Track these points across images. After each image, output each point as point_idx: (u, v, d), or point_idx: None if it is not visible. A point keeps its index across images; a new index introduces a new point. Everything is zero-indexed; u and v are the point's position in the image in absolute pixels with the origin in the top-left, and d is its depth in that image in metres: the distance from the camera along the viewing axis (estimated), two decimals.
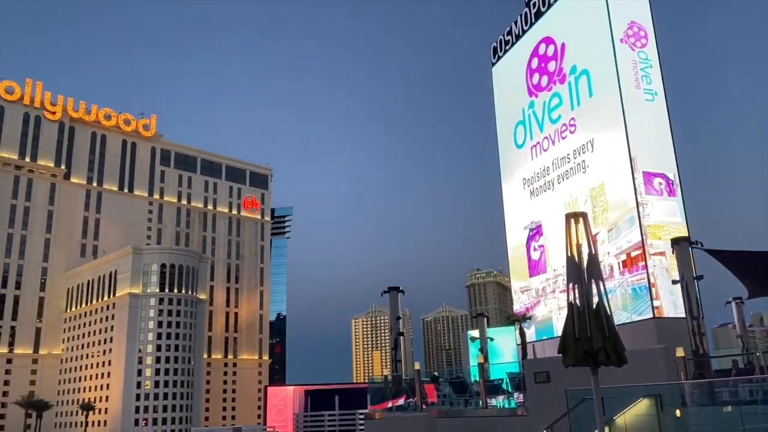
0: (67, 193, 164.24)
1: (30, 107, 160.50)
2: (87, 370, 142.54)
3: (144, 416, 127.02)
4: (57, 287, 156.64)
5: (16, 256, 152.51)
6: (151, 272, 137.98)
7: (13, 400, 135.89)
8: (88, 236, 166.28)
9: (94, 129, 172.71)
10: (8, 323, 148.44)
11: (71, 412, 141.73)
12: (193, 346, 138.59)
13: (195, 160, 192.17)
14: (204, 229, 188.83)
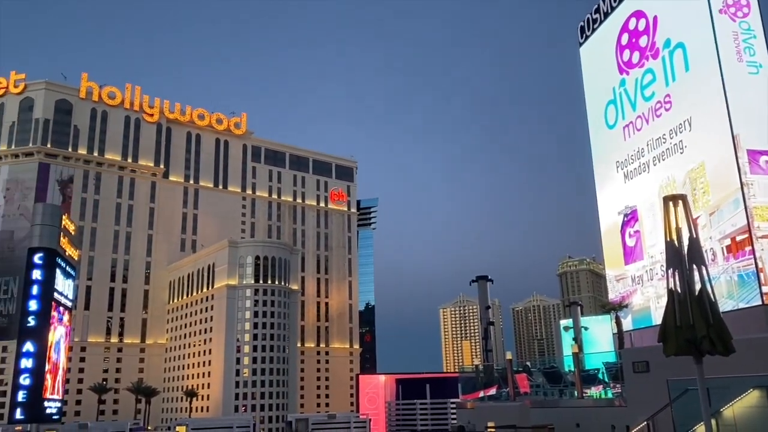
0: (167, 190, 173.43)
1: (130, 111, 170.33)
2: (190, 358, 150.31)
3: (243, 402, 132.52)
4: (160, 280, 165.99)
5: (122, 252, 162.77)
6: (246, 264, 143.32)
7: (124, 386, 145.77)
8: (186, 231, 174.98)
9: (189, 129, 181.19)
10: (118, 315, 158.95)
11: (176, 398, 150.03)
12: (287, 335, 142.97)
13: (284, 156, 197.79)
14: (294, 221, 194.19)
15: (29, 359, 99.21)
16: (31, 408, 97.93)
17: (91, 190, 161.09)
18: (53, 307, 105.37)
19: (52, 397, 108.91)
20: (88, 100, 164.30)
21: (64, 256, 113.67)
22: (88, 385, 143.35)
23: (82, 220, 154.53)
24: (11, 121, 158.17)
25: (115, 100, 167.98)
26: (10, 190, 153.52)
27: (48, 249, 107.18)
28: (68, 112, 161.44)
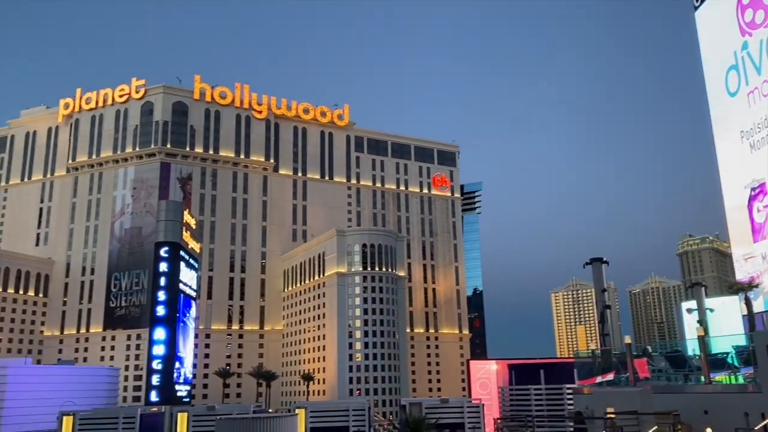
0: (277, 183, 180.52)
1: (240, 109, 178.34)
2: (305, 343, 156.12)
3: (357, 386, 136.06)
4: (274, 269, 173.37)
5: (239, 243, 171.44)
6: (354, 252, 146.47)
7: (246, 370, 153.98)
8: (297, 222, 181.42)
9: (296, 123, 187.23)
10: (238, 303, 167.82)
11: (294, 382, 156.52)
12: (396, 320, 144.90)
13: (386, 144, 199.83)
14: (398, 209, 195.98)
15: (160, 346, 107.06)
16: (164, 391, 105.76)
17: (208, 186, 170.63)
18: (180, 297, 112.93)
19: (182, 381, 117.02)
20: (202, 101, 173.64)
21: (187, 249, 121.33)
22: (213, 369, 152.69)
23: (202, 215, 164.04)
24: (134, 125, 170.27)
25: (226, 99, 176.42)
26: (136, 189, 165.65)
27: (172, 243, 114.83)
28: (184, 114, 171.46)
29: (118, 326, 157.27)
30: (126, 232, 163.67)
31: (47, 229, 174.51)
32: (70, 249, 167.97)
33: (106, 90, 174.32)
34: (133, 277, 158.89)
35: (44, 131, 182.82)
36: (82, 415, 40.44)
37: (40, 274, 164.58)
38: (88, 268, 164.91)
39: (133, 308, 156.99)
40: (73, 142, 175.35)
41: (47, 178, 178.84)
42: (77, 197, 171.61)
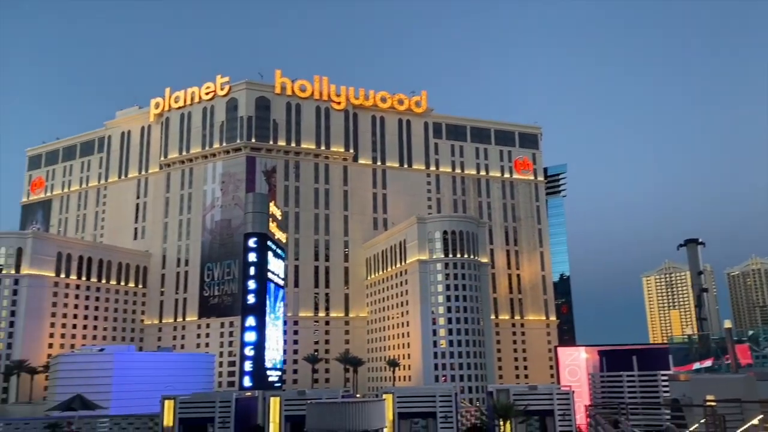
0: (357, 173, 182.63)
1: (320, 101, 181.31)
2: (389, 330, 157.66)
3: (443, 373, 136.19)
4: (357, 257, 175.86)
5: (323, 233, 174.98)
6: (435, 239, 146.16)
7: (333, 356, 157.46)
8: (378, 210, 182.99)
9: (373, 113, 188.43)
10: (323, 291, 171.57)
11: (380, 368, 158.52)
12: (480, 307, 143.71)
13: (464, 129, 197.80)
14: (479, 194, 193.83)
15: (252, 333, 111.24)
16: (256, 376, 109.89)
17: (291, 177, 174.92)
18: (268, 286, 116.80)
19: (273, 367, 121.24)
20: (283, 95, 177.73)
21: (274, 240, 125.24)
22: (302, 356, 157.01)
23: (287, 206, 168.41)
24: (221, 121, 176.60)
25: (306, 92, 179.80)
26: (225, 183, 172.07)
27: (260, 234, 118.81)
28: (267, 108, 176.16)
29: (212, 314, 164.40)
30: (216, 225, 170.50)
31: (144, 223, 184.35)
32: (166, 242, 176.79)
33: (193, 88, 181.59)
34: (224, 267, 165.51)
35: (138, 130, 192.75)
36: (182, 399, 42.66)
37: (139, 266, 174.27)
38: (183, 259, 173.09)
39: (225, 297, 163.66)
40: (165, 140, 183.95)
41: (142, 175, 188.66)
42: (170, 192, 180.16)
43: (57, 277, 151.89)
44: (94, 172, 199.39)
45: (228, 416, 40.66)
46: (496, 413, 50.72)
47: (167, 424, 41.20)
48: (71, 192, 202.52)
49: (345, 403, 26.74)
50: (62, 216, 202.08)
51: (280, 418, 39.68)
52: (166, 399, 41.19)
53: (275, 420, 40.24)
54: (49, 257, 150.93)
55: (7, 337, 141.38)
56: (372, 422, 30.08)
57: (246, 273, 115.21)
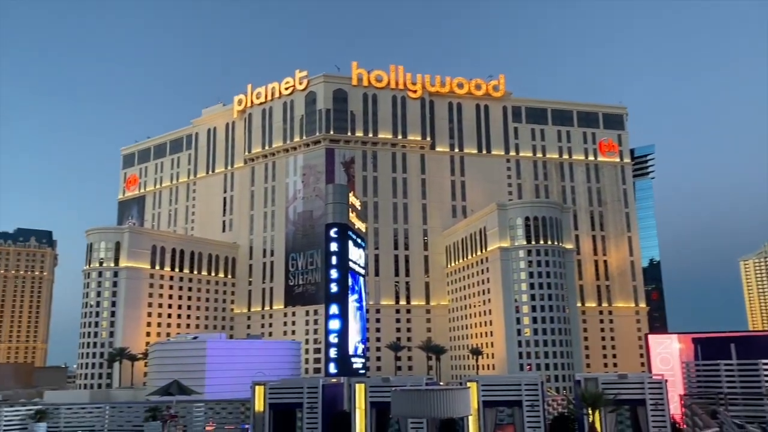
0: (434, 161, 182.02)
1: (396, 90, 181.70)
2: (471, 318, 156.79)
3: (527, 361, 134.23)
4: (437, 246, 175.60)
5: (401, 222, 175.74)
6: (517, 226, 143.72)
7: (415, 344, 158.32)
8: (456, 198, 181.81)
9: (450, 99, 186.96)
10: (403, 279, 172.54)
11: (463, 356, 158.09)
12: (565, 294, 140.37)
13: (545, 112, 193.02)
14: (562, 179, 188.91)
15: (335, 320, 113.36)
16: (341, 363, 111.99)
17: (369, 167, 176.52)
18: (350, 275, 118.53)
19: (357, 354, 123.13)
20: (359, 86, 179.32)
21: (354, 229, 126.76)
22: (384, 343, 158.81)
23: (365, 196, 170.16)
24: (300, 115, 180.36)
25: (382, 82, 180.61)
26: (306, 175, 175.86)
27: (340, 224, 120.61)
28: (344, 100, 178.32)
29: (297, 303, 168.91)
30: (299, 216, 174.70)
31: (231, 216, 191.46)
32: (252, 233, 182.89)
33: (273, 84, 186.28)
34: (307, 257, 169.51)
35: (222, 127, 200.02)
36: (272, 385, 44.07)
37: (228, 258, 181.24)
38: (268, 250, 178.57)
39: (309, 286, 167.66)
40: (248, 135, 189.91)
41: (228, 170, 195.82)
42: (255, 186, 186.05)
43: (152, 269, 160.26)
44: (184, 169, 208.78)
45: (315, 402, 41.68)
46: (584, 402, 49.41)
47: (258, 409, 42.71)
48: (163, 188, 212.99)
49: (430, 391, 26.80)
50: (155, 211, 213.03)
51: (365, 404, 40.38)
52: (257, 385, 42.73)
53: (361, 406, 40.91)
54: (144, 250, 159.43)
55: (109, 326, 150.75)
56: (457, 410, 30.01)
57: (328, 262, 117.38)
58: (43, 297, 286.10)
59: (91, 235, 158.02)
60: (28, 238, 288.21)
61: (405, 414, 30.61)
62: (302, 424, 42.78)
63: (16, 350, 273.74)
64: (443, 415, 29.20)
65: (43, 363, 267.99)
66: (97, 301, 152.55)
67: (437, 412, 27.97)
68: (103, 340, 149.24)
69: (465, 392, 29.21)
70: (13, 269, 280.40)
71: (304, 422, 42.47)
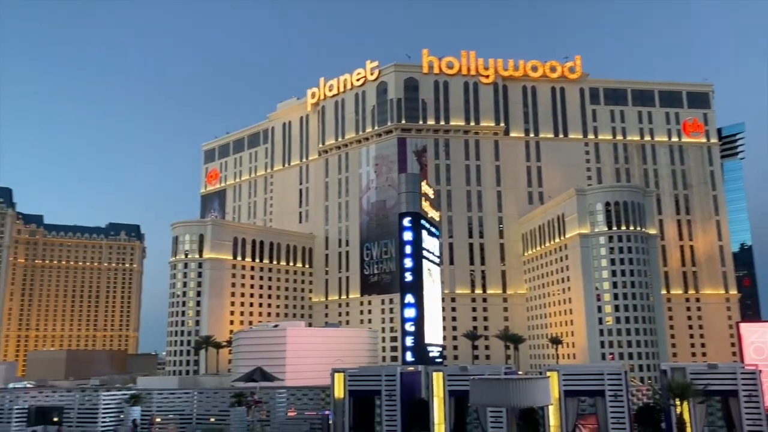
0: (509, 147, 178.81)
1: (467, 76, 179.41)
2: (550, 307, 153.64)
3: (609, 350, 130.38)
4: (513, 233, 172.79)
5: (475, 210, 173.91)
6: (596, 212, 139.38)
7: (492, 333, 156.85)
8: (532, 184, 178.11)
9: (524, 83, 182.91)
10: (479, 268, 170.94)
11: (541, 345, 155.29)
12: (649, 281, 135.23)
13: (625, 92, 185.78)
14: (644, 162, 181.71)
15: (411, 309, 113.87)
16: (417, 351, 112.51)
17: (442, 156, 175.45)
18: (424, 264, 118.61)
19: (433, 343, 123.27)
20: (430, 74, 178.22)
21: (428, 218, 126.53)
22: (460, 332, 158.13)
23: (438, 184, 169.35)
24: (372, 105, 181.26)
25: (453, 69, 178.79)
26: (378, 165, 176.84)
27: (414, 213, 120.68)
28: (415, 89, 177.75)
29: (373, 292, 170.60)
30: (372, 206, 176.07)
31: (307, 207, 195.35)
32: (327, 224, 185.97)
33: (345, 76, 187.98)
34: (381, 246, 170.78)
35: (297, 120, 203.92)
36: (351, 372, 44.83)
37: (305, 248, 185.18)
38: (343, 240, 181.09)
39: (384, 275, 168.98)
40: (321, 128, 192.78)
41: (303, 162, 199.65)
42: (329, 177, 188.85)
43: (234, 259, 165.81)
44: (261, 162, 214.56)
45: (394, 389, 42.03)
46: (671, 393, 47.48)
47: (338, 395, 43.55)
48: (242, 181, 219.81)
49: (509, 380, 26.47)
50: (235, 204, 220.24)
51: (443, 392, 40.35)
52: (336, 372, 43.52)
53: (439, 394, 40.93)
54: (226, 242, 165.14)
55: (195, 315, 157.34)
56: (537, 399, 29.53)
57: (402, 252, 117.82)
58: (133, 288, 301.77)
59: (177, 228, 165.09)
60: (119, 233, 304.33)
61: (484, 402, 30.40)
62: (381, 411, 43.27)
63: (111, 338, 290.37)
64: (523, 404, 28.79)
65: (135, 350, 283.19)
66: (183, 291, 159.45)
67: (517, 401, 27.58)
68: (189, 329, 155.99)
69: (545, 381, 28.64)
70: (106, 262, 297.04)
71: (383, 409, 42.94)
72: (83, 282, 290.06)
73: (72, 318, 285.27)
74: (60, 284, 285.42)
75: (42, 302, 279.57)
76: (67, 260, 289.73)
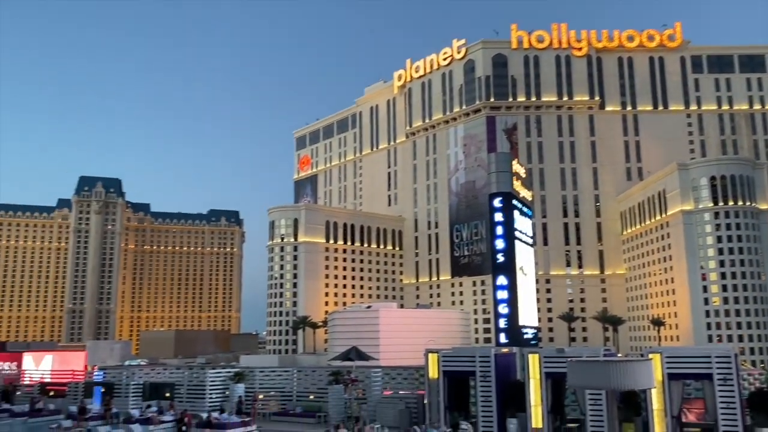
0: (605, 121, 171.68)
1: (559, 50, 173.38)
2: (651, 287, 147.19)
3: (717, 333, 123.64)
4: (610, 212, 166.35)
5: (570, 188, 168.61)
6: (700, 187, 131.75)
7: (589, 315, 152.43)
8: (630, 159, 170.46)
9: (620, 54, 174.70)
10: (574, 248, 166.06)
11: (642, 327, 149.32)
12: (760, 260, 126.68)
13: (730, 59, 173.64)
14: (753, 132, 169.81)
15: (503, 291, 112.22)
16: (511, 333, 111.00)
17: (533, 133, 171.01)
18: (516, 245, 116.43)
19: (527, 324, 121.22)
20: (520, 49, 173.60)
21: (519, 198, 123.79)
22: (556, 314, 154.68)
23: (530, 163, 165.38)
24: (459, 84, 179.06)
25: (543, 43, 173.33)
26: (467, 146, 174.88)
27: (504, 193, 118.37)
28: (504, 65, 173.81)
29: (464, 273, 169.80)
30: (461, 187, 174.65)
31: (395, 190, 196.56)
32: (416, 206, 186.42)
33: (431, 56, 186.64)
34: (471, 228, 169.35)
35: (384, 104, 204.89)
36: (444, 353, 44.86)
37: (395, 230, 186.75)
38: (433, 222, 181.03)
39: (475, 257, 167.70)
40: (409, 110, 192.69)
41: (391, 146, 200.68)
42: (417, 159, 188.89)
43: (326, 243, 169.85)
44: (350, 147, 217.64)
45: (488, 370, 41.73)
46: None
47: (432, 376, 43.77)
48: (332, 166, 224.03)
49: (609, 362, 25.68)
50: (327, 188, 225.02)
51: (540, 374, 39.70)
52: (430, 352, 43.78)
53: (535, 376, 40.24)
54: (319, 226, 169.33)
55: (292, 296, 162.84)
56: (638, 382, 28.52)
57: (493, 233, 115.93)
58: (234, 271, 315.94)
59: (273, 213, 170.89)
60: (219, 218, 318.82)
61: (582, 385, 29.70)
62: (476, 392, 43.12)
63: (214, 319, 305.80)
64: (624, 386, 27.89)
65: (237, 330, 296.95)
66: (280, 273, 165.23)
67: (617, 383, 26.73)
68: (287, 309, 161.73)
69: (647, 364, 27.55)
70: (208, 246, 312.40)
71: (478, 390, 42.78)
72: (188, 266, 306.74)
73: (179, 300, 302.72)
74: (167, 268, 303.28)
75: (151, 285, 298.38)
76: (173, 246, 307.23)
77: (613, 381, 26.38)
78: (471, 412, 44.45)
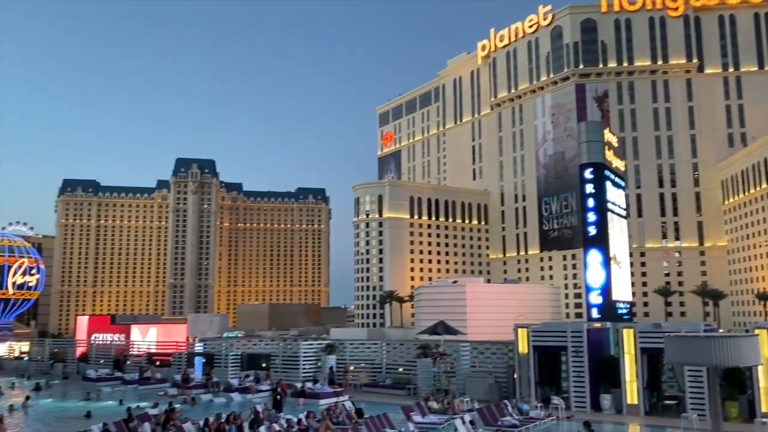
0: (704, 85, 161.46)
1: (652, 11, 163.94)
2: (756, 260, 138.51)
3: None
4: (710, 180, 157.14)
5: (666, 156, 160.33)
6: None
7: (687, 289, 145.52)
8: (732, 125, 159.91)
9: (720, 12, 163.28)
10: (671, 219, 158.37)
11: (746, 301, 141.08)
12: None
13: None
14: None
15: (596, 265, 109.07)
16: (604, 308, 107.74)
17: (626, 100, 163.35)
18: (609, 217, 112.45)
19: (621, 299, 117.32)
20: (610, 12, 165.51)
21: (611, 168, 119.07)
22: (652, 288, 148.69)
23: (622, 131, 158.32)
24: (546, 52, 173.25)
25: (635, 5, 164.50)
26: (555, 115, 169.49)
27: (596, 164, 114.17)
28: (593, 30, 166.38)
29: (553, 248, 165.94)
30: (550, 158, 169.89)
31: (480, 164, 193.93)
32: (502, 179, 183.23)
33: (516, 24, 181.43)
34: (561, 200, 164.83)
35: (468, 75, 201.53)
36: (534, 328, 44.25)
37: (480, 205, 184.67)
38: (520, 195, 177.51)
39: (564, 230, 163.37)
40: (493, 81, 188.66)
41: (475, 118, 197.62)
42: (502, 131, 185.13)
43: (411, 218, 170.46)
44: (433, 121, 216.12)
45: (580, 346, 40.78)
46: None
47: (522, 351, 43.30)
48: (415, 141, 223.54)
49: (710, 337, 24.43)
50: (410, 164, 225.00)
51: (635, 349, 38.44)
52: (520, 327, 43.29)
53: (630, 351, 38.95)
54: (403, 201, 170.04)
55: (378, 271, 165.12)
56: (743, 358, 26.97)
57: (584, 205, 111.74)
58: (322, 247, 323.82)
59: (358, 190, 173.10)
60: (307, 196, 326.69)
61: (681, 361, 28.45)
62: (568, 367, 42.34)
63: (305, 293, 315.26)
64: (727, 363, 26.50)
65: (326, 304, 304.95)
66: (366, 249, 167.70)
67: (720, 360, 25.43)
68: (374, 284, 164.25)
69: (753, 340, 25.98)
70: (297, 223, 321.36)
71: (570, 365, 41.97)
72: (279, 242, 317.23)
73: (271, 274, 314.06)
74: (260, 245, 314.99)
75: (245, 261, 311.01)
76: (264, 223, 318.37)
77: (715, 357, 25.08)
78: (562, 387, 43.75)
